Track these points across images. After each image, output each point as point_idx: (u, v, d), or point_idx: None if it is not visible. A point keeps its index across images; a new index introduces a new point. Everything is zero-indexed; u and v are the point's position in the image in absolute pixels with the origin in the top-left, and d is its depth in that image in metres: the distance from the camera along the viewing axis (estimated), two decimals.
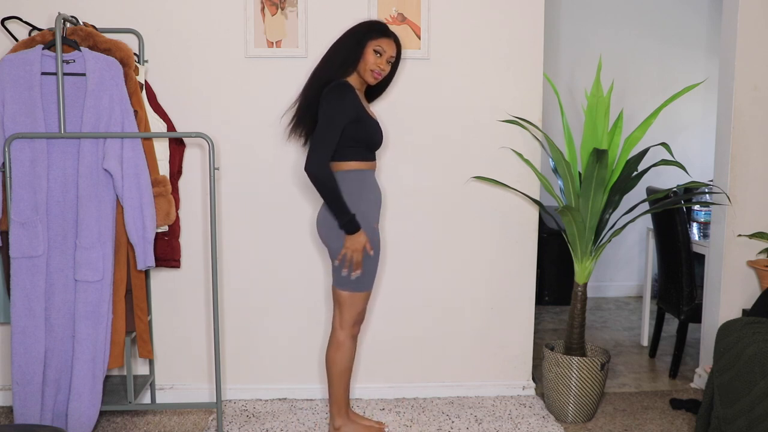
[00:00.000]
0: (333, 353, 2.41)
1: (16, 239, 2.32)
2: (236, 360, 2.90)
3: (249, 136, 2.79)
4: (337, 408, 2.46)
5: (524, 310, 2.97)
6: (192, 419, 2.74)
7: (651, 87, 4.66)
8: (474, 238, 2.90)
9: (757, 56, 2.81)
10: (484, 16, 2.80)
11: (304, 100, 2.37)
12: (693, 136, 4.82)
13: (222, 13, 2.74)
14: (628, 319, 4.34)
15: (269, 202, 2.83)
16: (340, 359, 2.41)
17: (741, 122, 2.83)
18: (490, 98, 2.83)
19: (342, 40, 2.35)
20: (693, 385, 3.13)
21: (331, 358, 2.42)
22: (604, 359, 2.71)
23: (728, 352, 2.21)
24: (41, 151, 2.33)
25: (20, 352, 2.35)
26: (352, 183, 2.30)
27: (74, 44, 2.37)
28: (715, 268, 2.97)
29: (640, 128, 2.67)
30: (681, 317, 3.23)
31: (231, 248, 2.85)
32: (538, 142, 2.86)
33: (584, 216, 2.61)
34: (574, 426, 2.71)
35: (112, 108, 2.34)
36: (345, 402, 2.48)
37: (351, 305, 2.37)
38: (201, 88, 2.76)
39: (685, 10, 4.73)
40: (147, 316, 2.57)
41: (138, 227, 2.38)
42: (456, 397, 2.95)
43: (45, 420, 2.40)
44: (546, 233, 4.27)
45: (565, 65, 4.63)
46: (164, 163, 2.57)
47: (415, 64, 2.77)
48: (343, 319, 2.39)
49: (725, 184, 2.88)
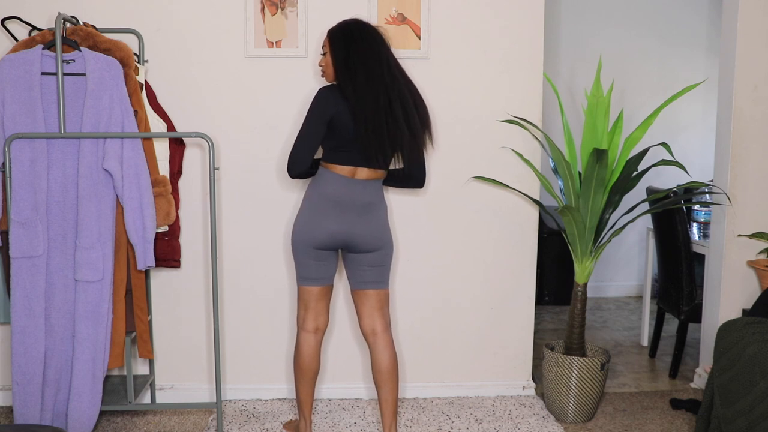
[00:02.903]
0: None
1: (16, 239, 2.32)
2: (236, 360, 2.90)
3: (249, 136, 2.79)
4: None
5: (524, 310, 2.97)
6: (192, 419, 2.74)
7: (651, 87, 4.66)
8: (474, 238, 2.90)
9: (757, 56, 2.81)
10: (484, 16, 2.80)
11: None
12: (693, 136, 4.82)
13: (222, 13, 2.74)
14: (628, 319, 4.34)
15: (269, 202, 2.83)
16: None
17: (741, 122, 2.83)
18: (490, 98, 2.83)
19: None
20: (693, 385, 3.13)
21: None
22: (604, 359, 2.71)
23: (728, 352, 2.21)
24: (41, 151, 2.33)
25: (20, 352, 2.35)
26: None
27: (74, 44, 2.37)
28: (715, 268, 2.97)
29: (640, 128, 2.67)
30: (681, 317, 3.23)
31: (231, 248, 2.85)
32: (538, 142, 2.86)
33: (584, 216, 2.61)
34: (574, 426, 2.71)
35: (112, 108, 2.34)
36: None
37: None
38: (201, 88, 2.76)
39: (685, 10, 4.73)
40: (147, 316, 2.57)
41: (138, 227, 2.38)
42: (456, 397, 2.95)
43: (45, 420, 2.40)
44: (546, 233, 4.27)
45: (565, 65, 4.63)
46: (164, 163, 2.57)
47: (415, 64, 2.77)
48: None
49: (725, 184, 2.88)
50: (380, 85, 2.24)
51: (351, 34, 2.29)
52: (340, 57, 2.27)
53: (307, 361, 2.40)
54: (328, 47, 2.32)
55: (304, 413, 2.46)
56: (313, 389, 2.45)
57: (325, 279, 2.39)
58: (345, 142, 2.28)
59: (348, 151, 2.30)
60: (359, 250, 2.37)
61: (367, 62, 2.25)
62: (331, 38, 2.32)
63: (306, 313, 2.40)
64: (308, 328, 2.41)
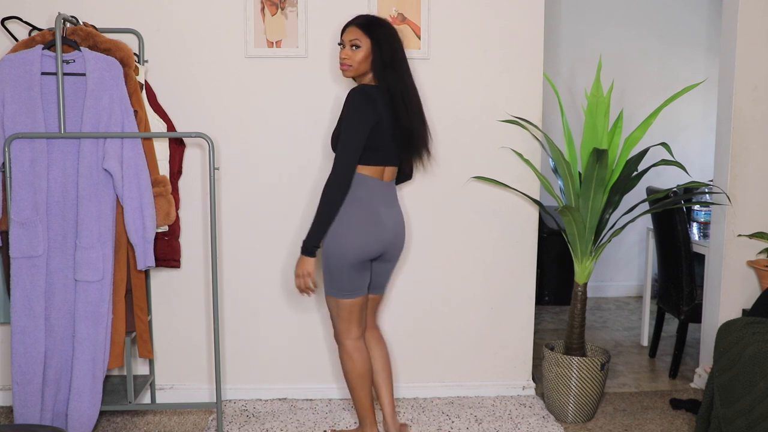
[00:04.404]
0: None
1: (16, 239, 2.32)
2: (236, 360, 2.90)
3: (249, 136, 2.79)
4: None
5: (524, 310, 2.97)
6: (192, 419, 2.74)
7: (651, 87, 4.66)
8: (474, 238, 2.90)
9: (757, 56, 2.81)
10: (484, 16, 2.80)
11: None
12: (693, 136, 4.82)
13: (222, 13, 2.74)
14: (628, 319, 4.34)
15: (269, 202, 2.83)
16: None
17: (741, 122, 2.83)
18: (490, 98, 2.83)
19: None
20: (693, 385, 3.13)
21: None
22: (604, 359, 2.71)
23: (728, 352, 2.21)
24: (41, 151, 2.33)
25: (20, 352, 2.35)
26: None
27: (74, 44, 2.37)
28: (715, 268, 2.97)
29: (640, 128, 2.67)
30: (681, 317, 3.23)
31: (231, 248, 2.85)
32: (538, 142, 2.86)
33: (584, 216, 2.61)
34: (574, 426, 2.71)
35: (112, 108, 2.34)
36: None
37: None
38: (201, 88, 2.76)
39: (685, 10, 4.73)
40: (147, 316, 2.57)
41: (138, 227, 2.38)
42: (456, 397, 2.95)
43: (45, 420, 2.40)
44: (546, 233, 4.27)
45: (565, 65, 4.63)
46: (164, 163, 2.57)
47: (415, 64, 2.76)
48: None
49: (725, 184, 2.88)
50: (413, 85, 2.32)
51: (392, 31, 2.28)
52: (387, 54, 2.23)
53: (366, 366, 2.36)
54: (368, 42, 2.22)
55: (370, 418, 2.41)
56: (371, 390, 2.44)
57: (366, 286, 2.35)
58: (378, 143, 2.24)
59: (377, 151, 2.25)
60: (391, 257, 2.39)
61: (405, 62, 2.30)
62: (371, 34, 2.23)
63: (350, 324, 2.33)
64: (355, 336, 2.35)
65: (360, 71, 2.26)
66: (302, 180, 2.82)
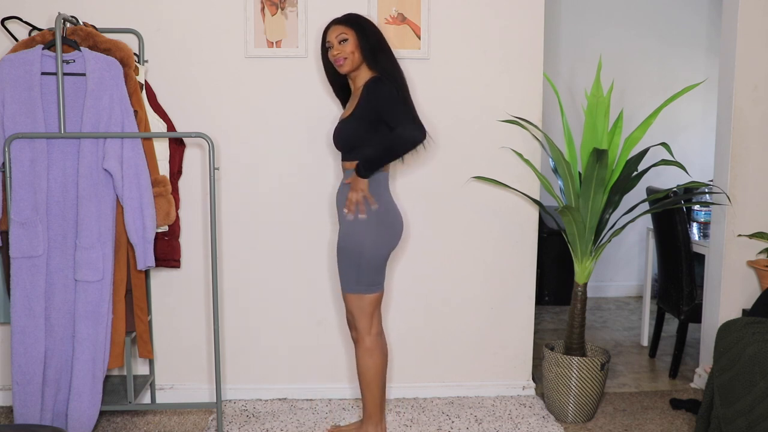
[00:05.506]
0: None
1: (16, 239, 2.32)
2: (236, 360, 2.90)
3: (249, 135, 2.79)
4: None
5: (524, 310, 2.97)
6: (192, 419, 2.74)
7: (651, 87, 4.66)
8: (474, 238, 2.90)
9: (757, 56, 2.81)
10: (484, 16, 2.80)
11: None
12: (693, 136, 4.82)
13: (222, 13, 2.74)
14: (628, 319, 4.34)
15: (269, 202, 2.83)
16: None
17: (741, 122, 2.83)
18: (490, 98, 2.83)
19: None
20: (693, 385, 3.13)
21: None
22: (604, 359, 2.71)
23: (728, 352, 2.21)
24: (41, 151, 2.33)
25: (20, 352, 2.35)
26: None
27: (74, 44, 2.37)
28: (715, 268, 2.97)
29: (640, 128, 2.67)
30: (681, 317, 3.23)
31: (231, 248, 2.85)
32: (538, 142, 2.86)
33: (584, 216, 2.61)
34: (574, 426, 2.71)
35: (112, 108, 2.34)
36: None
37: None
38: (201, 88, 2.76)
39: (685, 10, 4.73)
40: (147, 316, 2.57)
41: (138, 227, 2.38)
42: (456, 397, 2.95)
43: (45, 420, 2.40)
44: (546, 233, 4.27)
45: (565, 65, 4.63)
46: (164, 163, 2.57)
47: (415, 64, 2.77)
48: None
49: (725, 184, 2.88)
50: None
51: (370, 21, 2.39)
52: (374, 38, 2.34)
53: (386, 360, 2.44)
54: (352, 32, 2.31)
55: (381, 414, 2.47)
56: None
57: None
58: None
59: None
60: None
61: (390, 48, 2.39)
62: (353, 24, 2.33)
63: (373, 319, 2.41)
64: (377, 332, 2.43)
65: (355, 63, 2.33)
66: (302, 180, 2.82)
